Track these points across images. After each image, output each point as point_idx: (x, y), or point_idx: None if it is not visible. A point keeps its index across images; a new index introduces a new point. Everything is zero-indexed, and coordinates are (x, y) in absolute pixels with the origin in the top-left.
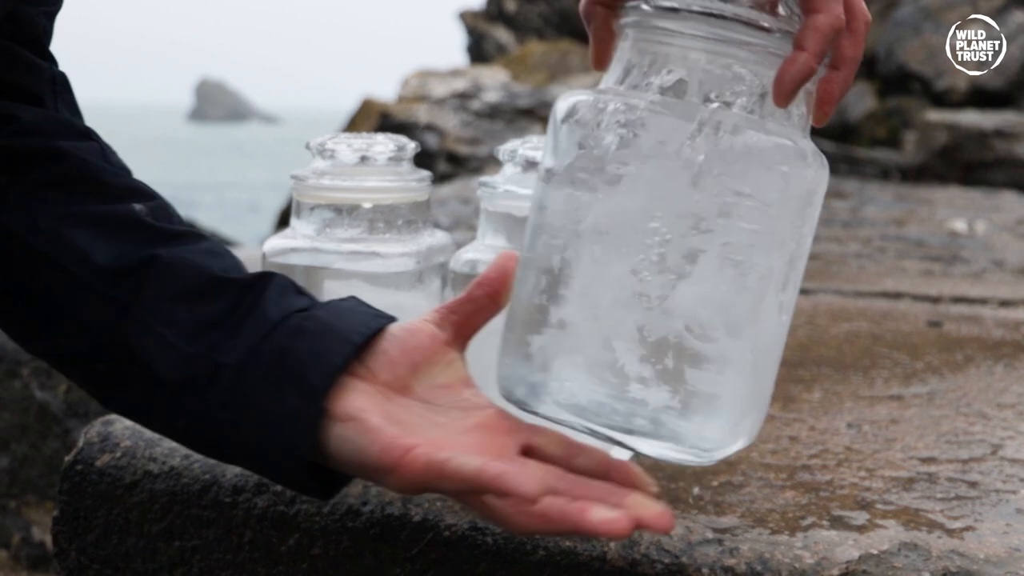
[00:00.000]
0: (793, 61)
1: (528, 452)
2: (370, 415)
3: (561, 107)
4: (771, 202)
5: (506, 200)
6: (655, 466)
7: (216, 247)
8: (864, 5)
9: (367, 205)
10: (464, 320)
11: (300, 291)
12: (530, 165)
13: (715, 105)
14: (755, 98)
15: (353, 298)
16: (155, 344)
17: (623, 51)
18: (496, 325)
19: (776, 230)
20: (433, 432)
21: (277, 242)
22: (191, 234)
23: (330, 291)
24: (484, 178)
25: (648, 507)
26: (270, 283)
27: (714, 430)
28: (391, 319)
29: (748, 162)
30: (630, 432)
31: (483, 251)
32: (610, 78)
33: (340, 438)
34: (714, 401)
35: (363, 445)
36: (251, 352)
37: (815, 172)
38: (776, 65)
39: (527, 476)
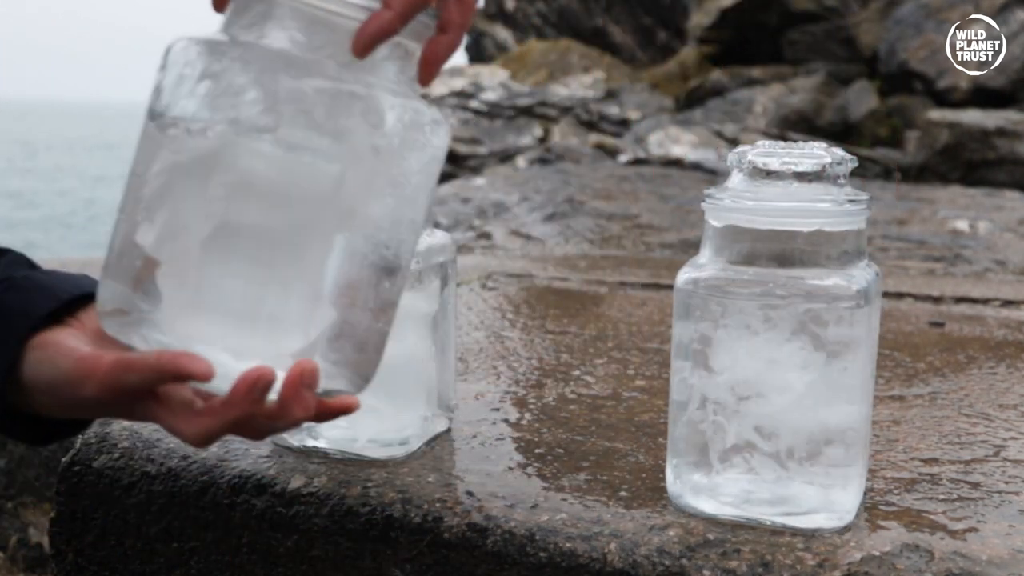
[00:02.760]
0: (376, 17)
1: None
2: (67, 339)
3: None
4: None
5: None
6: (657, 466)
7: None
8: None
9: None
10: None
11: (32, 265)
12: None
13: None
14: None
15: (86, 276)
16: None
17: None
18: None
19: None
20: None
21: None
22: None
23: None
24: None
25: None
26: (3, 257)
27: None
28: None
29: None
30: None
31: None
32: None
33: (37, 361)
34: None
35: (58, 361)
36: None
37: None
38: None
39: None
